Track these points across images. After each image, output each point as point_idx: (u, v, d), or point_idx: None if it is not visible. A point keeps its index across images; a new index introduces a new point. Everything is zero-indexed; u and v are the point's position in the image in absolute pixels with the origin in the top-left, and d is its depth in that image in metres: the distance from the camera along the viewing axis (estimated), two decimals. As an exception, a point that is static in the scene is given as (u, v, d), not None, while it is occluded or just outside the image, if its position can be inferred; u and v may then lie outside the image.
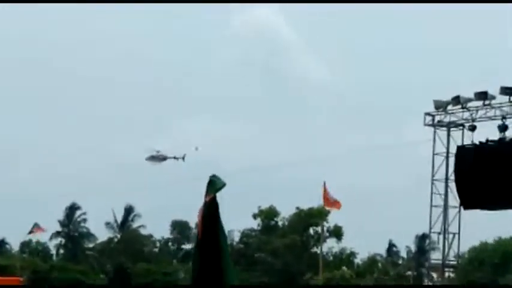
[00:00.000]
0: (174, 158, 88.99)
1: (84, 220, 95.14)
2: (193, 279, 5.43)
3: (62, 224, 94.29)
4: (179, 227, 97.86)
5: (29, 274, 70.75)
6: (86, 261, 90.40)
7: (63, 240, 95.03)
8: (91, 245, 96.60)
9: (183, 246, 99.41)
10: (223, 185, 5.39)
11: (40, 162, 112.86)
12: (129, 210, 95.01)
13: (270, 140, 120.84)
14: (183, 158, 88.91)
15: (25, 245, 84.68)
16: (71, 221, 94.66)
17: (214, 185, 5.38)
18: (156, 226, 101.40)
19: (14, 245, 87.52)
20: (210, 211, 5.37)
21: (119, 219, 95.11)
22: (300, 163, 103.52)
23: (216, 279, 5.18)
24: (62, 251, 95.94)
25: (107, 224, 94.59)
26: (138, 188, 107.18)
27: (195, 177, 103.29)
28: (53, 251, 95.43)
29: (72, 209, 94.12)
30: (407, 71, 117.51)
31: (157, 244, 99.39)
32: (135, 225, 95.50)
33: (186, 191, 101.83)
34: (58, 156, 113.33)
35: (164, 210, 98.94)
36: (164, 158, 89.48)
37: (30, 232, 44.48)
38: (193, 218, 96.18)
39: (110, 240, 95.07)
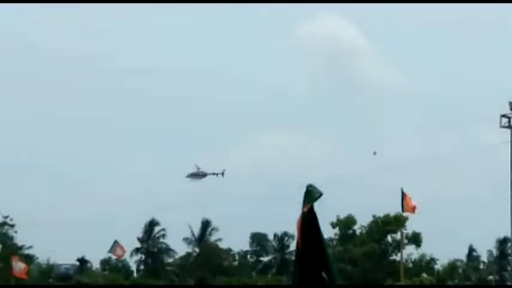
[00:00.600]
0: (214, 174, 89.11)
1: (163, 236, 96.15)
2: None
3: (141, 240, 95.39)
4: (258, 239, 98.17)
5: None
6: (166, 277, 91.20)
7: (143, 256, 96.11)
8: (170, 260, 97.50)
9: (262, 259, 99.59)
10: (320, 194, 5.40)
11: (117, 180, 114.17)
12: (206, 224, 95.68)
13: (345, 149, 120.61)
14: (223, 174, 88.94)
15: (105, 262, 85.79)
16: (150, 237, 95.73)
17: (311, 194, 5.39)
18: (234, 239, 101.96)
19: (95, 262, 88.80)
20: (309, 221, 5.38)
21: (197, 233, 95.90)
22: (375, 171, 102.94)
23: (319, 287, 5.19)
24: (142, 267, 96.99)
25: (185, 239, 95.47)
26: (215, 201, 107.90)
27: (272, 190, 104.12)
28: (133, 268, 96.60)
29: (151, 225, 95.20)
30: (480, 74, 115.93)
31: (236, 257, 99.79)
32: (212, 238, 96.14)
33: (263, 204, 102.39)
34: (135, 172, 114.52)
35: (242, 223, 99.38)
36: (204, 175, 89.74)
37: (111, 250, 44.88)
38: (271, 230, 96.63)
39: (189, 254, 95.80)
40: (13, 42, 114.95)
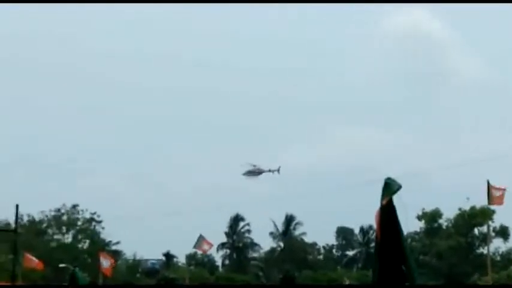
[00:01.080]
0: (270, 171, 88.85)
1: (248, 231, 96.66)
2: (374, 281, 5.41)
3: (227, 235, 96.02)
4: (343, 234, 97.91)
5: (196, 285, 72.28)
6: (251, 271, 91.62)
7: (228, 251, 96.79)
8: (255, 255, 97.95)
9: (348, 253, 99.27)
10: (399, 187, 5.36)
11: (202, 175, 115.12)
12: (290, 219, 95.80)
13: (428, 143, 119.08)
14: (278, 171, 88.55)
15: (191, 257, 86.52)
16: (235, 232, 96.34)
17: (390, 187, 5.35)
18: (319, 233, 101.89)
19: (181, 257, 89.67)
20: (388, 214, 5.35)
21: (281, 228, 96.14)
22: (460, 164, 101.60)
23: (399, 280, 5.15)
24: (227, 262, 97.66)
25: (270, 233, 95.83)
26: (299, 196, 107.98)
27: (356, 183, 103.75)
28: (219, 262, 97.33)
29: (236, 220, 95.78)
30: None
31: (322, 251, 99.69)
32: (296, 233, 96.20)
33: (348, 197, 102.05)
34: (219, 169, 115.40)
35: (327, 217, 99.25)
36: (260, 172, 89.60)
37: (197, 245, 45.25)
38: (357, 224, 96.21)
39: (273, 249, 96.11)
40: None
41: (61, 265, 56.53)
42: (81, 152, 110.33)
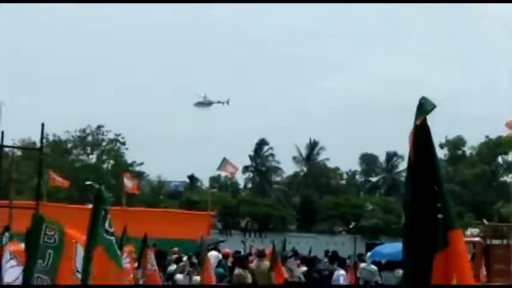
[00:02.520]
0: (219, 102, 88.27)
1: (272, 155, 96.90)
2: (405, 204, 5.27)
3: (251, 158, 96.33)
4: (367, 160, 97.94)
5: (219, 208, 72.86)
6: (274, 195, 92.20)
7: (251, 175, 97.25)
8: (278, 179, 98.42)
9: (371, 179, 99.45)
10: (434, 106, 5.16)
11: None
12: (313, 144, 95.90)
13: (455, 70, 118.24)
14: (228, 102, 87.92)
15: (214, 180, 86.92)
16: (259, 155, 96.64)
17: (424, 107, 5.16)
18: (343, 159, 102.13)
19: (205, 180, 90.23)
20: (421, 134, 5.17)
21: (304, 152, 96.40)
22: (485, 93, 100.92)
23: (430, 203, 5.02)
24: (250, 185, 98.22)
25: (294, 158, 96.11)
26: (322, 122, 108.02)
27: (377, 110, 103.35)
28: (241, 185, 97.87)
29: (261, 144, 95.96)
30: None
31: (344, 176, 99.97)
32: (320, 158, 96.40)
33: (372, 124, 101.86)
34: (246, 93, 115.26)
35: (350, 143, 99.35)
36: (210, 103, 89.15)
37: (220, 168, 45.29)
38: (380, 151, 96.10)
39: (297, 174, 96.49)
40: None
41: (87, 182, 56.97)
42: (109, 73, 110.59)
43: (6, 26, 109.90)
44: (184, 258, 24.20)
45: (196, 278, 20.07)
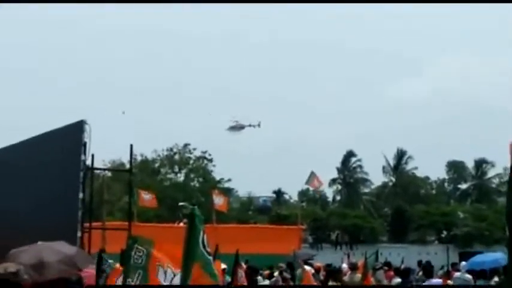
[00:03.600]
0: (250, 125, 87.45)
1: (360, 166, 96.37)
2: (509, 213, 5.10)
3: (338, 170, 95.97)
4: (455, 167, 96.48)
5: (309, 222, 72.68)
6: (363, 206, 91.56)
7: (340, 187, 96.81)
8: (367, 190, 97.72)
9: (460, 186, 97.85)
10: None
11: (314, 112, 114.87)
12: (401, 154, 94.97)
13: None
14: (259, 125, 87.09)
15: (303, 193, 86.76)
16: (347, 167, 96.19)
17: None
18: (430, 167, 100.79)
19: (292, 194, 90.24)
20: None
21: (392, 162, 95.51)
22: None
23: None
24: (338, 198, 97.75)
25: (382, 168, 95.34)
26: (410, 130, 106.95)
27: (458, 115, 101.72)
28: (330, 198, 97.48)
29: (348, 156, 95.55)
30: None
31: (433, 185, 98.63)
32: (408, 167, 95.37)
33: (460, 130, 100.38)
34: (331, 104, 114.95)
35: (438, 150, 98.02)
36: (242, 127, 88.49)
37: (308, 182, 45.12)
38: (467, 158, 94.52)
39: (385, 184, 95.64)
40: None
41: (181, 203, 57.58)
42: (192, 92, 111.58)
43: (84, 46, 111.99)
44: (276, 273, 24.12)
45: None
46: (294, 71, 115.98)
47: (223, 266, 16.59)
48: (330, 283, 20.53)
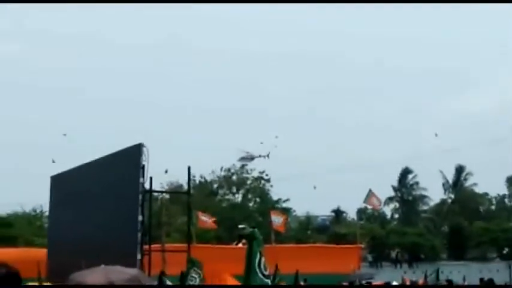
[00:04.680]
0: (260, 156, 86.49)
1: (417, 183, 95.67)
2: None
3: (394, 188, 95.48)
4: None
5: (368, 240, 72.32)
6: (422, 224, 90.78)
7: (397, 205, 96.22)
8: (425, 208, 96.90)
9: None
10: None
11: (370, 130, 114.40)
12: (460, 170, 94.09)
13: None
14: (268, 156, 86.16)
15: (361, 212, 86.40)
16: (404, 185, 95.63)
17: None
18: (490, 183, 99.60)
19: (350, 212, 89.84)
20: None
21: (451, 179, 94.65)
22: None
23: None
24: (396, 216, 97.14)
25: (442, 185, 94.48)
26: (468, 145, 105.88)
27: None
28: (388, 216, 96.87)
29: (405, 173, 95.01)
30: None
31: (493, 201, 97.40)
32: (467, 183, 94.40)
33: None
34: (387, 122, 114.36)
35: (498, 166, 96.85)
36: (253, 158, 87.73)
37: (366, 200, 44.99)
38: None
39: (444, 201, 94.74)
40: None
41: (240, 226, 57.79)
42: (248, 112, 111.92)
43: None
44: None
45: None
46: (350, 90, 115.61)
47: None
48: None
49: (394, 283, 28.12)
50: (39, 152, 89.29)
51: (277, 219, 39.09)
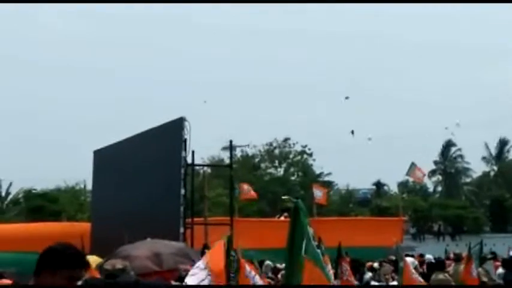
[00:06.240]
0: (241, 146, 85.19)
1: (460, 156, 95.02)
2: None
3: (437, 162, 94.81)
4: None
5: (410, 213, 71.99)
6: (464, 197, 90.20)
7: (440, 178, 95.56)
8: (468, 180, 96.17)
9: None
10: None
11: (412, 103, 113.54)
12: (503, 142, 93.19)
13: None
14: (248, 146, 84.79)
15: (403, 185, 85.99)
16: (447, 157, 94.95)
17: None
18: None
19: (392, 185, 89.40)
20: None
21: (494, 152, 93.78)
22: None
23: None
24: (439, 188, 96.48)
25: (483, 158, 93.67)
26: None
27: None
28: (430, 189, 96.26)
29: (448, 146, 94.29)
30: None
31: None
32: (511, 156, 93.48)
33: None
34: (430, 95, 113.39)
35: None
36: (234, 148, 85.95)
37: (409, 173, 44.58)
38: None
39: (486, 173, 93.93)
40: None
41: (284, 197, 57.82)
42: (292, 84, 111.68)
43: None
44: (375, 264, 23.98)
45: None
46: (392, 64, 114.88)
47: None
48: (434, 275, 20.28)
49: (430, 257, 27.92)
50: (82, 127, 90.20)
51: (318, 193, 38.90)
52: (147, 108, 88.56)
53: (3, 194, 74.10)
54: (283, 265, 12.95)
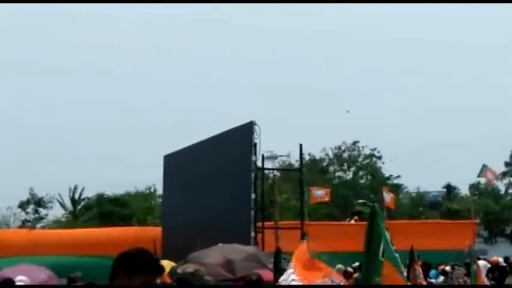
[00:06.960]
0: (281, 156, 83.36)
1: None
2: None
3: (507, 164, 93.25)
4: None
5: (481, 216, 70.98)
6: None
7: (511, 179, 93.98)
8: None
9: None
10: None
11: (479, 106, 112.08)
12: None
13: None
14: (288, 156, 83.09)
15: (474, 187, 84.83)
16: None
17: None
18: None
19: (462, 188, 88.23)
20: None
21: None
22: None
23: None
24: (510, 191, 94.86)
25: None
26: None
27: None
28: (502, 191, 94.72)
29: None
30: None
31: None
32: None
33: None
34: (496, 98, 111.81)
35: None
36: (276, 157, 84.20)
37: (481, 175, 44.01)
38: None
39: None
40: None
41: (360, 201, 57.76)
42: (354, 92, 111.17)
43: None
44: (447, 268, 23.80)
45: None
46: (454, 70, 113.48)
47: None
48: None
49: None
50: (151, 131, 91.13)
51: (387, 196, 38.70)
52: (217, 112, 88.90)
53: (76, 198, 75.37)
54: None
